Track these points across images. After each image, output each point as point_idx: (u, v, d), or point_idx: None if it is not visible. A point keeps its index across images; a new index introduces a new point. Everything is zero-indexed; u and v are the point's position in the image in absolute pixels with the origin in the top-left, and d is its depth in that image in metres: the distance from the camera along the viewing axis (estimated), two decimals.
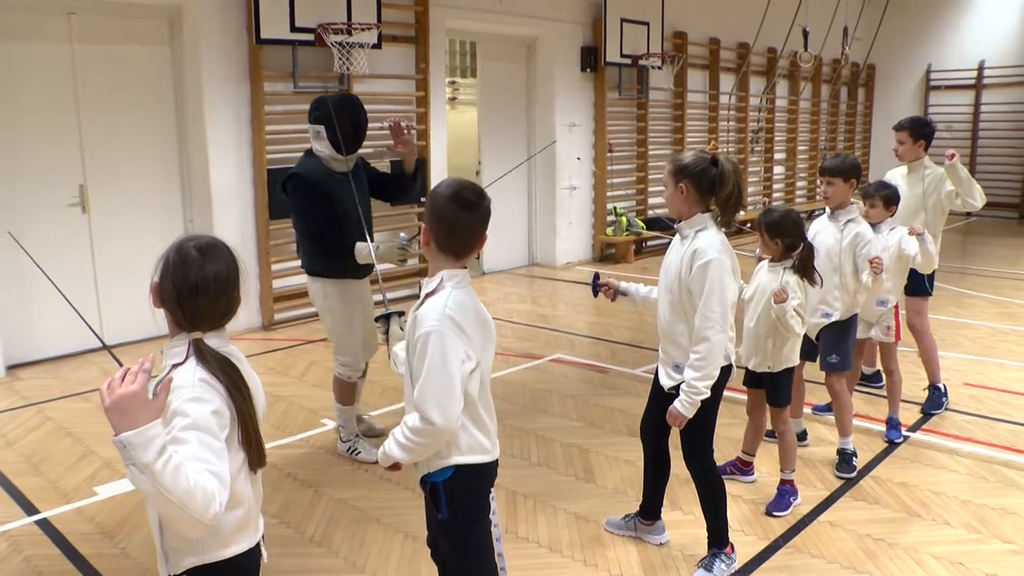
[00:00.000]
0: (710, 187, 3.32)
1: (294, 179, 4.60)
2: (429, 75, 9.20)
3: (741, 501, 4.25)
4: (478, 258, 11.60)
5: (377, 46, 8.39)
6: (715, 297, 3.23)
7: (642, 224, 12.03)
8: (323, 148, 4.59)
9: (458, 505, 2.50)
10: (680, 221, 3.46)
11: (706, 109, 13.59)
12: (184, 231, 7.69)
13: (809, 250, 4.05)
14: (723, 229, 3.42)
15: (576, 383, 6.32)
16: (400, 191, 5.03)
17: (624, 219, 11.80)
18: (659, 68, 12.01)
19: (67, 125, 6.98)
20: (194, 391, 1.92)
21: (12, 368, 6.69)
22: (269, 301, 7.98)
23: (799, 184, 16.16)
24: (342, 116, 4.53)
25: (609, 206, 11.89)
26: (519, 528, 4.07)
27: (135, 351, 2.59)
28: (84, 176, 7.08)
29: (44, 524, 4.19)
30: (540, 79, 11.22)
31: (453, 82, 12.48)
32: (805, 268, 4.04)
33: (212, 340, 2.05)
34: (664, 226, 12.20)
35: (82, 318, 2.17)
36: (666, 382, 3.52)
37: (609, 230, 11.80)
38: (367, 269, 4.74)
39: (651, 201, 12.64)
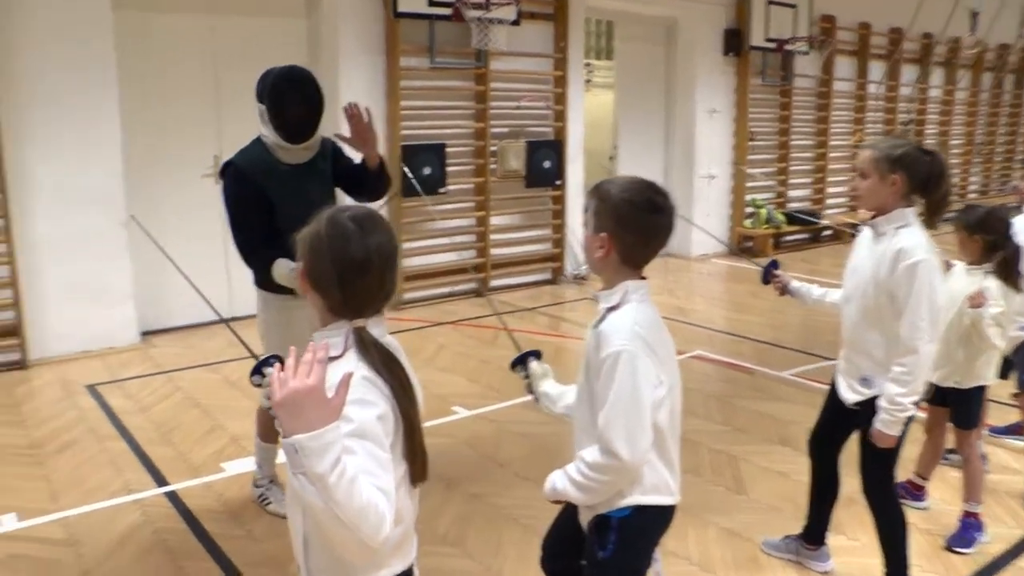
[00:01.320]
0: (923, 182, 2.90)
1: (228, 169, 3.62)
2: (568, 54, 8.88)
3: (915, 530, 3.77)
4: None
5: (516, 22, 8.15)
6: (924, 302, 2.81)
7: (782, 217, 11.45)
8: (269, 133, 3.58)
9: (626, 547, 2.20)
10: (876, 216, 3.02)
11: (852, 98, 12.81)
12: None
13: (1015, 251, 3.57)
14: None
15: (719, 383, 5.93)
16: (365, 188, 3.90)
17: (764, 211, 11.25)
18: (805, 53, 11.39)
19: (206, 96, 7.02)
20: (357, 391, 1.63)
21: (146, 335, 6.74)
22: (400, 280, 7.84)
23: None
24: (288, 94, 3.53)
25: (748, 197, 11.36)
26: (667, 541, 3.69)
27: None
28: (220, 146, 7.06)
29: (173, 497, 4.12)
30: (680, 62, 10.75)
31: (588, 64, 12.13)
32: (1008, 272, 3.56)
33: (373, 329, 1.78)
34: (805, 220, 11.62)
35: (203, 298, 2.02)
36: (849, 396, 3.11)
37: (747, 222, 11.27)
38: None
39: (791, 193, 12.03)
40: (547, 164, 8.73)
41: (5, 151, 5.86)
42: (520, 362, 2.58)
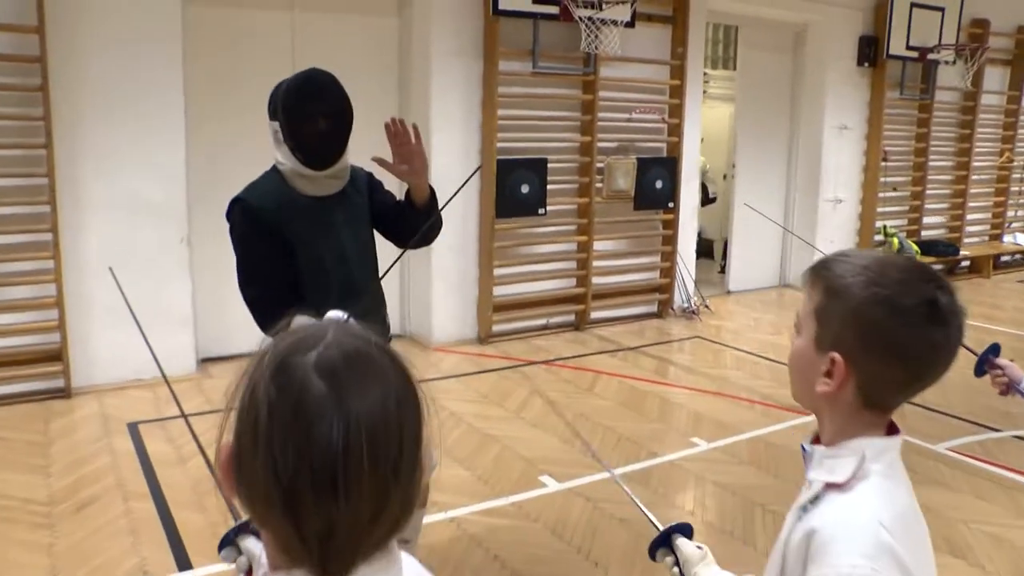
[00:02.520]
0: None
1: (235, 207, 2.86)
2: (686, 61, 7.95)
3: None
4: (721, 271, 10.26)
5: (630, 24, 7.26)
6: None
7: (916, 247, 10.25)
8: (285, 159, 2.83)
9: None
10: None
11: (1002, 114, 11.46)
12: None
13: None
14: None
15: None
16: (407, 230, 2.99)
17: (895, 240, 10.07)
18: (951, 63, 10.17)
19: None
20: None
21: (204, 362, 6.11)
22: (488, 310, 7.05)
23: None
24: (305, 106, 2.78)
25: (877, 224, 10.20)
26: None
27: None
28: None
29: None
30: (808, 72, 9.67)
31: (704, 73, 11.16)
32: None
33: None
34: (941, 252, 10.40)
35: (150, 348, 1.34)
36: None
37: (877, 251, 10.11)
38: None
39: (926, 220, 10.79)
40: (659, 184, 7.81)
41: (57, 160, 5.29)
42: (663, 543, 1.67)
